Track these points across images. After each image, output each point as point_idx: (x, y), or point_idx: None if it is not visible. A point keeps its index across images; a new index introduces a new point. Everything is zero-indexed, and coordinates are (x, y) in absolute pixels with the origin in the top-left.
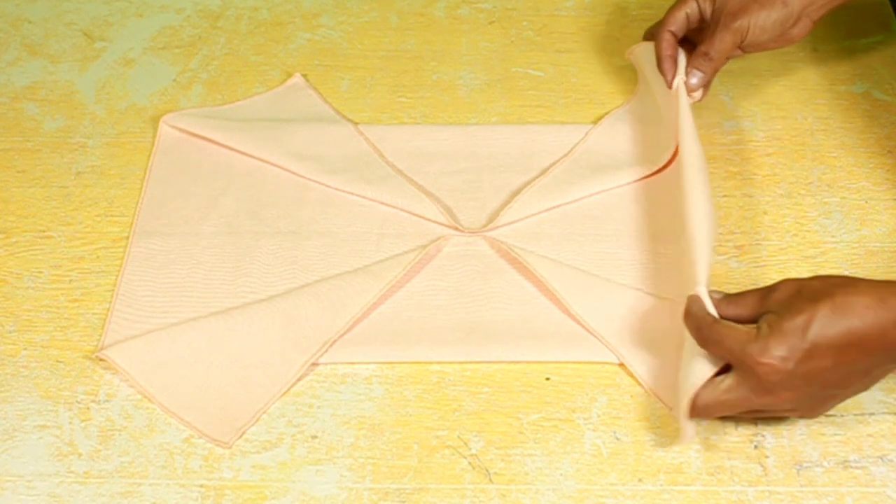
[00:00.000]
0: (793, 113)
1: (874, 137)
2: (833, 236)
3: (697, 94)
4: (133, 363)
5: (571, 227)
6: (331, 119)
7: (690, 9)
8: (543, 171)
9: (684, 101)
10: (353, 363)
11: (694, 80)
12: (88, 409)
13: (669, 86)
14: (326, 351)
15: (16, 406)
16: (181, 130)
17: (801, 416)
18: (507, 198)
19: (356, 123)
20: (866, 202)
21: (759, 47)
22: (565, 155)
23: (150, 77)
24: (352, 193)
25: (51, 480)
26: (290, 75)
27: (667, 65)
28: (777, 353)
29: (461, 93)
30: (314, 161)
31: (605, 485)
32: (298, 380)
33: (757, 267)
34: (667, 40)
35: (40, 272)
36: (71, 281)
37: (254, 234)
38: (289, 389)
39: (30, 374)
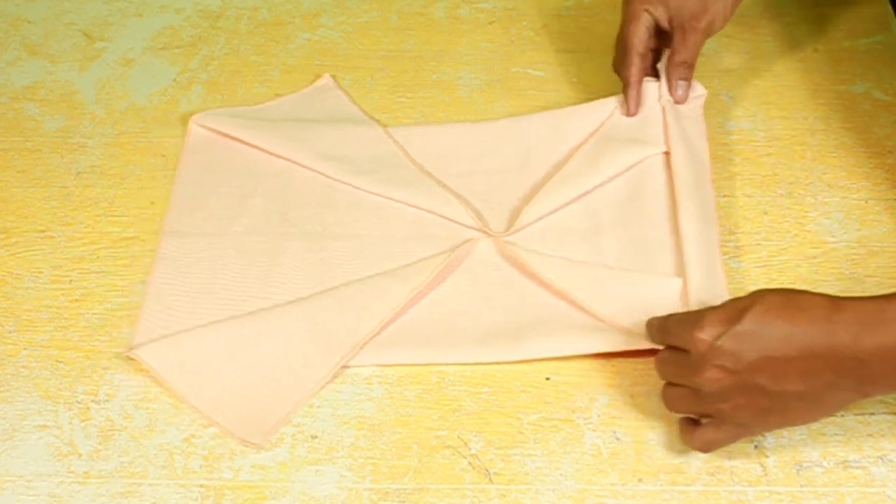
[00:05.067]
0: (793, 113)
1: (874, 137)
2: (833, 236)
3: (700, 91)
4: (163, 363)
5: (598, 217)
6: (359, 120)
7: (647, 22)
8: (567, 158)
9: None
10: (373, 365)
11: (681, 92)
12: (88, 409)
13: (632, 113)
14: (356, 354)
15: (16, 406)
16: (210, 130)
17: (737, 430)
18: (531, 195)
19: (384, 125)
20: (866, 202)
21: (718, 31)
22: (589, 135)
23: (150, 77)
24: (380, 195)
25: (51, 480)
26: (290, 74)
27: (634, 91)
28: (710, 326)
29: (461, 93)
30: (342, 162)
31: (605, 485)
32: (327, 382)
33: (757, 267)
34: (637, 66)
35: (40, 272)
36: (71, 281)
37: (282, 235)
38: (319, 391)
39: (30, 374)
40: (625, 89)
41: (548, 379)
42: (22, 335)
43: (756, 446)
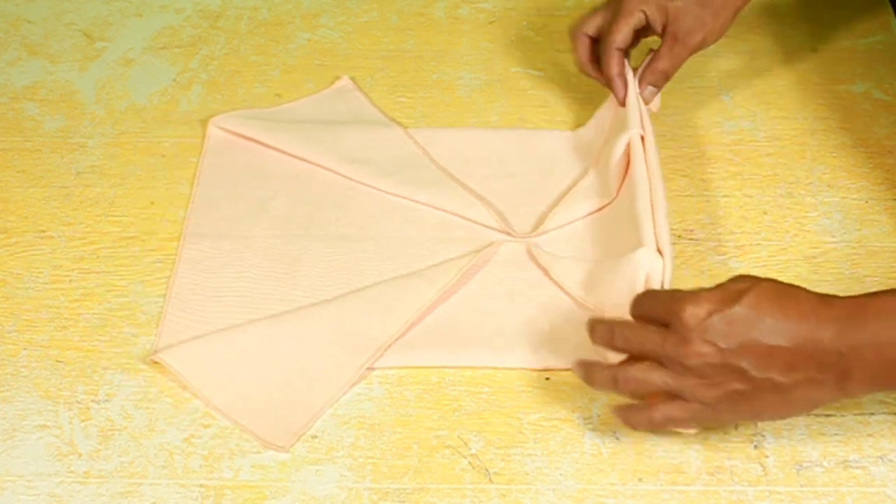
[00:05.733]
0: (793, 113)
1: (874, 137)
2: (833, 236)
3: (654, 106)
4: (188, 367)
5: (614, 218)
6: (379, 122)
7: (637, 22)
8: (587, 168)
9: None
10: (399, 368)
11: (647, 95)
12: (88, 409)
13: (623, 103)
14: (381, 355)
15: (16, 406)
16: (229, 132)
17: (702, 412)
18: (556, 201)
19: (405, 127)
20: (866, 202)
21: (707, 46)
22: (603, 142)
23: (150, 77)
24: (402, 197)
25: (51, 480)
26: (290, 74)
27: (619, 82)
28: (706, 302)
29: (461, 93)
30: (364, 164)
31: (605, 484)
32: (354, 384)
33: (757, 267)
34: (618, 61)
35: (40, 272)
36: (71, 281)
37: (304, 237)
38: (345, 393)
39: (30, 374)
40: (609, 82)
41: (548, 379)
42: (22, 335)
43: (756, 446)
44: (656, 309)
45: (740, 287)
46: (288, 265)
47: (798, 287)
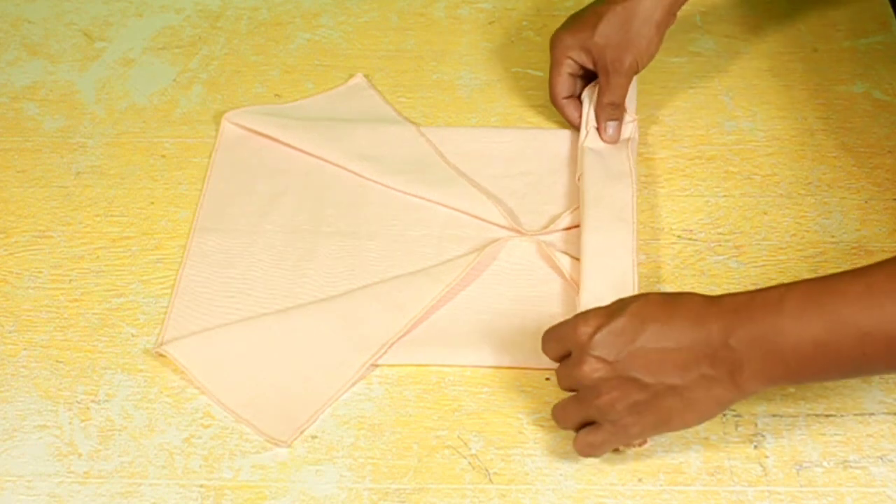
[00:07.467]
0: (793, 113)
1: (874, 137)
2: (833, 236)
3: (617, 138)
4: (192, 360)
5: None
6: (392, 120)
7: (570, 68)
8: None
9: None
10: (410, 365)
11: (611, 132)
12: (88, 409)
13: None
14: (386, 352)
15: (16, 406)
16: (243, 128)
17: (614, 430)
18: (567, 202)
19: (418, 125)
20: (866, 202)
21: (643, 68)
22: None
23: (150, 77)
24: (413, 195)
25: (51, 480)
26: (290, 74)
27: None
28: (594, 319)
29: (461, 93)
30: (375, 162)
31: (605, 485)
32: (356, 382)
33: (756, 267)
34: (570, 109)
35: (40, 272)
36: (71, 281)
37: (314, 233)
38: (348, 389)
39: (30, 374)
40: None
41: (548, 379)
42: (22, 335)
43: (756, 446)
44: (558, 341)
45: (626, 301)
46: (296, 261)
47: (688, 293)
